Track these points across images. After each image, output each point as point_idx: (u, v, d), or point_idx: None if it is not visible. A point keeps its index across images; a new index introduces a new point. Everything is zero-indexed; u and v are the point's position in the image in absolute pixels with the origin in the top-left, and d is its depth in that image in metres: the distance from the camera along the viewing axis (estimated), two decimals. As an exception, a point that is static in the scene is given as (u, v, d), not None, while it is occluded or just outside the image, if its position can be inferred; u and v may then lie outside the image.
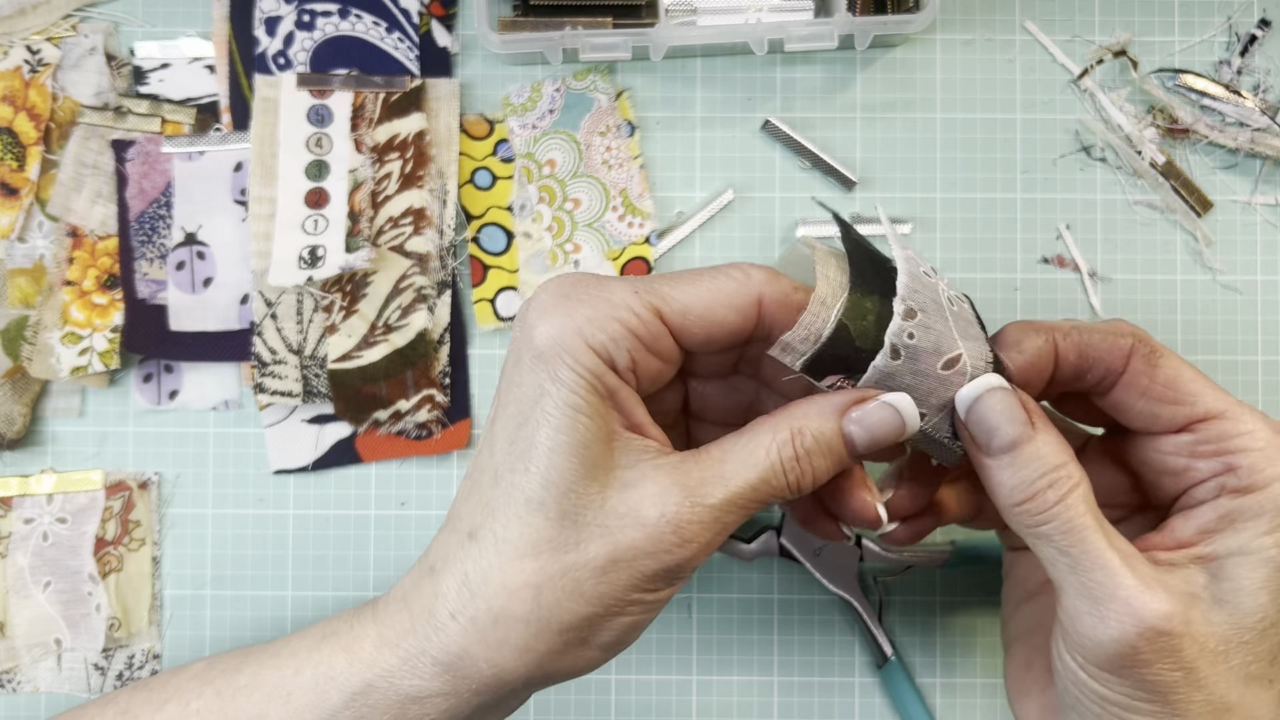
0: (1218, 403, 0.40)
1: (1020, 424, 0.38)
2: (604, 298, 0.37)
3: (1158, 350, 0.41)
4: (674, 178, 0.57)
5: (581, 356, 0.36)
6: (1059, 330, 0.42)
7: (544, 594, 0.36)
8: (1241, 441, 0.40)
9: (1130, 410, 0.42)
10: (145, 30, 0.57)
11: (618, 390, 0.37)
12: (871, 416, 0.38)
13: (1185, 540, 0.40)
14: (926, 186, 0.56)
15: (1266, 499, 0.39)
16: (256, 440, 0.56)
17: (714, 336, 0.38)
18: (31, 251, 0.56)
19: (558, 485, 0.36)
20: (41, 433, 0.56)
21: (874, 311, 0.38)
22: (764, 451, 0.37)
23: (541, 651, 0.37)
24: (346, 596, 0.55)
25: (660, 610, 0.38)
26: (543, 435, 0.36)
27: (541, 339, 0.37)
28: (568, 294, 0.37)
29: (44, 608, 0.55)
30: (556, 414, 0.36)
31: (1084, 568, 0.37)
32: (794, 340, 0.38)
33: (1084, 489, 0.38)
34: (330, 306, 0.55)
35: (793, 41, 0.53)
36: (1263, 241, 0.56)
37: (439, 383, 0.55)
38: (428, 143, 0.55)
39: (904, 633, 0.56)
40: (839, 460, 0.38)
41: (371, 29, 0.56)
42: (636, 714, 0.55)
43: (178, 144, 0.56)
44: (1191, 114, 0.56)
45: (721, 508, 0.37)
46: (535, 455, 0.36)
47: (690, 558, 0.37)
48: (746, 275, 0.38)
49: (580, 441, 0.36)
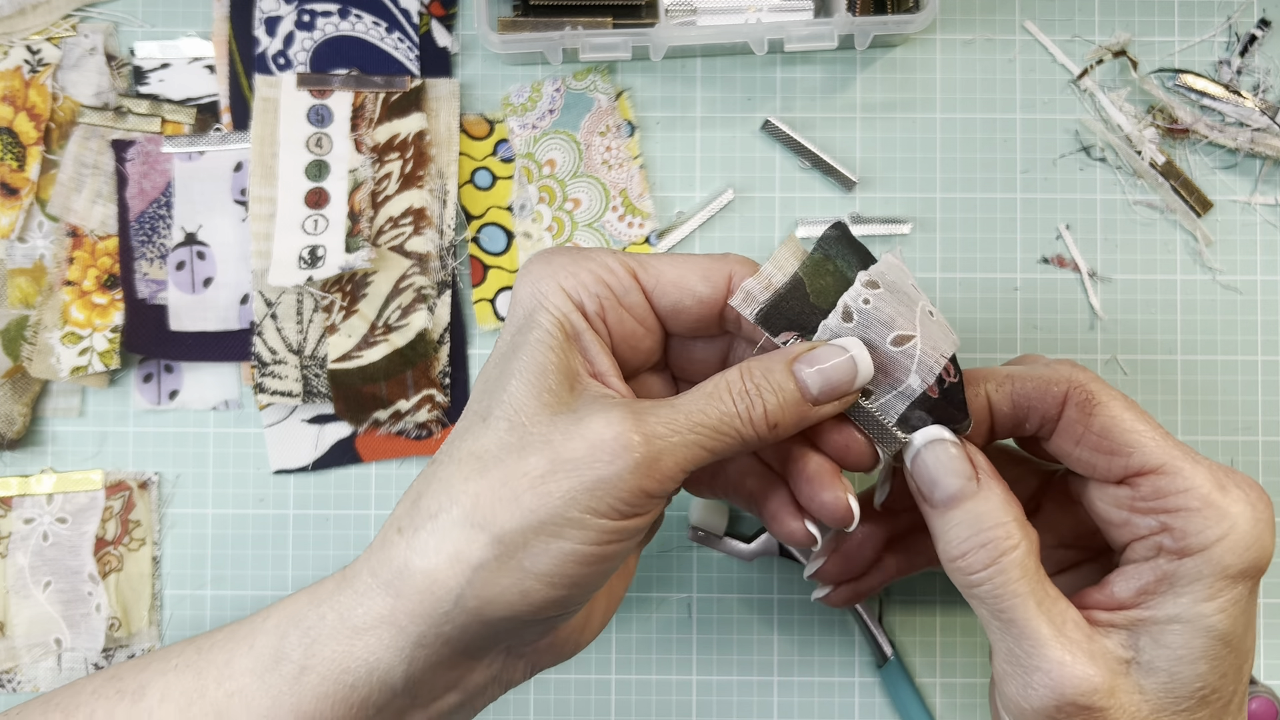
0: (1157, 455, 0.38)
1: (962, 478, 0.38)
2: (583, 253, 0.40)
3: (1094, 397, 0.39)
4: (674, 178, 0.57)
5: (553, 295, 0.39)
6: (993, 379, 0.41)
7: (481, 499, 0.36)
8: (1178, 500, 0.38)
9: (1070, 458, 0.41)
10: (145, 30, 0.57)
11: (583, 333, 0.39)
12: (822, 358, 0.38)
13: (1124, 601, 0.39)
14: (926, 186, 0.56)
15: (1204, 563, 0.37)
16: (256, 440, 0.56)
17: (684, 304, 0.40)
18: (31, 251, 0.56)
19: (511, 404, 0.37)
20: (41, 433, 0.56)
21: (834, 274, 0.40)
22: (712, 384, 0.38)
23: (473, 563, 0.36)
24: (346, 596, 0.56)
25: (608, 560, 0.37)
26: (509, 368, 0.38)
27: (522, 290, 0.39)
28: (550, 253, 0.40)
29: (44, 608, 0.55)
30: (525, 349, 0.38)
31: (1012, 634, 0.37)
32: (754, 288, 0.39)
33: (1022, 551, 0.38)
34: (330, 306, 0.55)
35: (793, 41, 0.53)
36: (1263, 241, 0.56)
37: (439, 383, 0.55)
38: (428, 143, 0.55)
39: (904, 633, 0.56)
40: (795, 403, 0.38)
41: (371, 29, 0.56)
42: (636, 714, 0.55)
43: (178, 144, 0.56)
44: (1191, 114, 0.56)
45: (667, 425, 0.36)
46: (499, 386, 0.38)
47: (628, 472, 0.35)
48: (724, 256, 0.40)
49: (540, 369, 0.37)
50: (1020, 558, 0.38)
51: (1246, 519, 0.37)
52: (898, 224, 0.56)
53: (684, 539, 0.56)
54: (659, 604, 0.56)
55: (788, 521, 0.42)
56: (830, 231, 0.40)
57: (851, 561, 0.47)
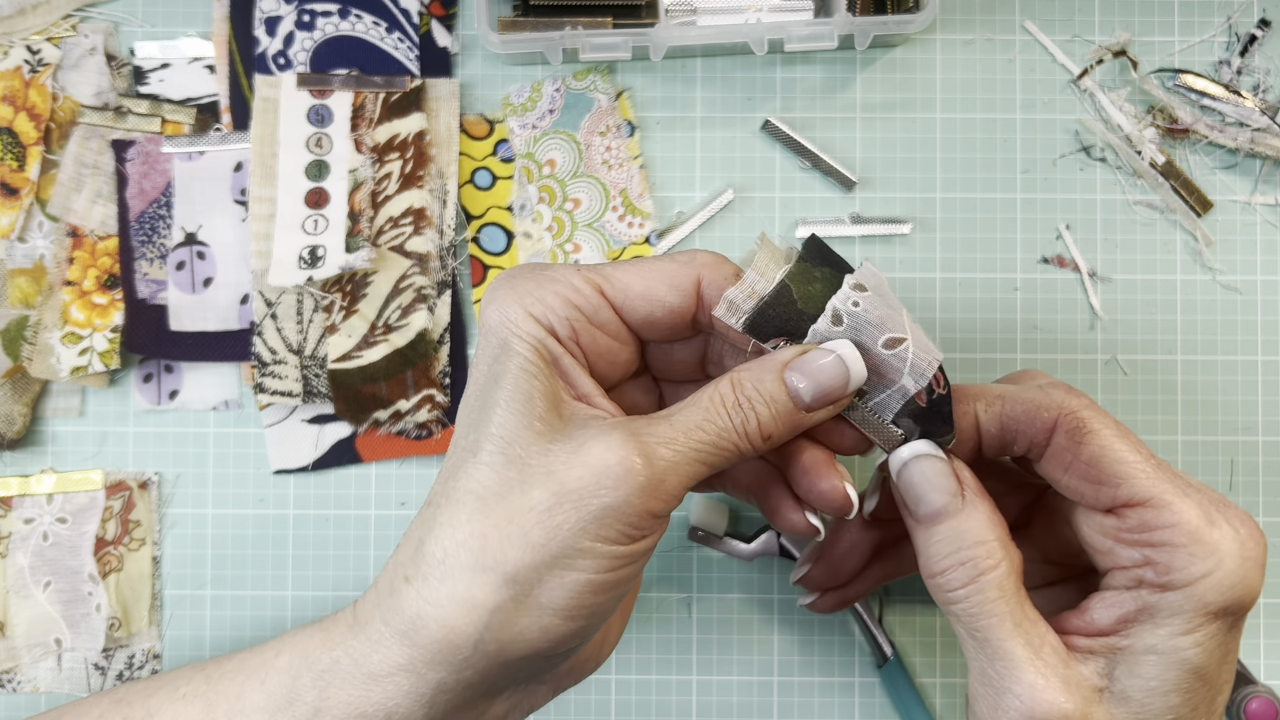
0: (1145, 488, 0.38)
1: (946, 495, 0.38)
2: (546, 275, 0.39)
3: (1085, 425, 0.38)
4: (674, 178, 0.57)
5: (523, 323, 0.38)
6: (983, 399, 0.41)
7: (489, 542, 0.35)
8: (1164, 535, 0.37)
9: (1058, 483, 0.40)
10: (145, 30, 0.57)
11: (560, 358, 0.38)
12: (811, 363, 0.38)
13: (1103, 628, 0.39)
14: (926, 186, 0.56)
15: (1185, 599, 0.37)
16: (256, 440, 0.56)
17: (655, 315, 0.39)
18: (31, 251, 0.56)
19: (503, 438, 0.36)
20: (41, 433, 0.56)
21: (822, 280, 0.39)
22: (706, 398, 0.38)
23: (488, 606, 0.35)
24: (346, 596, 0.55)
25: (621, 584, 0.37)
26: (492, 399, 0.37)
27: (491, 318, 0.39)
28: (512, 276, 0.39)
29: (44, 608, 0.55)
30: (506, 379, 0.37)
31: (986, 654, 0.37)
32: (737, 297, 0.39)
33: (1001, 571, 0.37)
34: (330, 306, 0.55)
35: (793, 41, 0.53)
36: (1263, 241, 0.56)
37: (439, 383, 0.55)
38: (428, 143, 0.55)
39: (904, 633, 0.56)
40: (787, 413, 0.38)
41: (371, 29, 0.56)
42: (636, 714, 0.55)
43: (178, 144, 0.56)
44: (1191, 114, 0.56)
45: (667, 445, 0.36)
46: (485, 419, 0.37)
47: (635, 496, 0.35)
48: (690, 258, 0.40)
49: (526, 397, 0.37)
50: (999, 578, 0.37)
51: (1233, 557, 0.37)
52: (898, 224, 0.56)
53: (684, 539, 0.56)
54: (659, 604, 0.56)
55: (789, 514, 0.42)
56: (810, 242, 0.40)
57: (837, 568, 0.47)
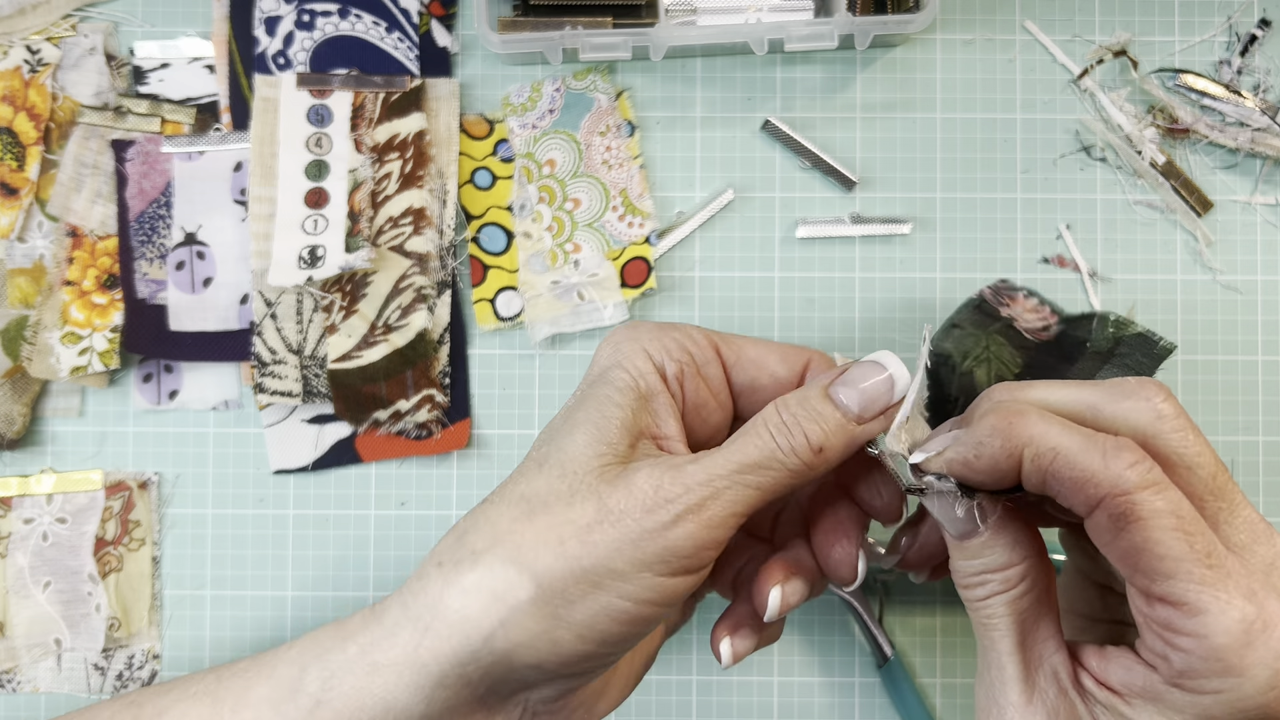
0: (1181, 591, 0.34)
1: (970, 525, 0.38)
2: (671, 325, 0.42)
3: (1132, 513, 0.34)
4: (674, 178, 0.57)
5: (635, 357, 0.40)
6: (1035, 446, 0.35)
7: (526, 541, 0.36)
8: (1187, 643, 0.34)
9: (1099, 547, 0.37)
10: (145, 30, 0.57)
11: (657, 395, 0.40)
12: (853, 374, 0.39)
13: (1111, 684, 0.37)
14: (926, 186, 0.56)
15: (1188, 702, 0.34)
16: (256, 440, 0.56)
17: (760, 382, 0.42)
18: (31, 251, 0.56)
19: (567, 453, 0.38)
20: (41, 433, 0.56)
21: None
22: (750, 425, 0.38)
23: (510, 603, 0.36)
24: (346, 596, 0.55)
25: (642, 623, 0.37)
26: (572, 419, 0.39)
27: (604, 354, 0.41)
28: (637, 324, 0.42)
29: (44, 608, 0.55)
30: (590, 402, 0.39)
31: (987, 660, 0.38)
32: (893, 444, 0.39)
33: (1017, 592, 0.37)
34: (330, 306, 0.55)
35: (793, 41, 0.53)
36: (1263, 241, 0.56)
37: (439, 383, 0.55)
38: (428, 143, 0.55)
39: (904, 633, 0.56)
40: (838, 426, 0.38)
41: (371, 29, 0.56)
42: (637, 714, 0.55)
43: (178, 144, 0.56)
44: (1191, 114, 0.56)
45: (708, 473, 0.37)
46: (558, 435, 0.39)
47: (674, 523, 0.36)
48: (802, 348, 0.42)
49: (602, 422, 0.38)
50: (1014, 598, 0.37)
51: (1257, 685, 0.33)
52: (898, 224, 0.56)
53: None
54: (659, 604, 0.56)
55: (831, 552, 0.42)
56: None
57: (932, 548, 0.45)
